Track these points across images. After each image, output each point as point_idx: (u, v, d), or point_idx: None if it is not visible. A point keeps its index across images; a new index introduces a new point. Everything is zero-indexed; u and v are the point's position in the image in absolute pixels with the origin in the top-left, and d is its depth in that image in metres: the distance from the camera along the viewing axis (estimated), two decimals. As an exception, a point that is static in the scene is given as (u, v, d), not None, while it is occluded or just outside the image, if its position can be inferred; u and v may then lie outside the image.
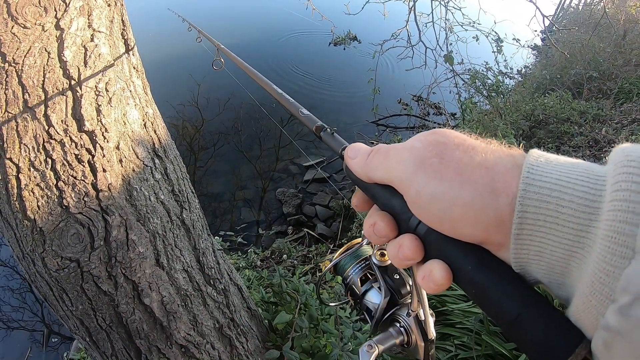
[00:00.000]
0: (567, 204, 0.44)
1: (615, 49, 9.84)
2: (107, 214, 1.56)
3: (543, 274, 0.47)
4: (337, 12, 10.24)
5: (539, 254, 0.46)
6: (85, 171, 1.50)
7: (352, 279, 0.88)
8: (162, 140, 1.84)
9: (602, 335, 0.39)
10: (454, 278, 0.53)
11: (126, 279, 1.66)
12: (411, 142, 0.58)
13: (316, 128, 0.83)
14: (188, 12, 3.02)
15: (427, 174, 0.53)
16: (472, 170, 0.50)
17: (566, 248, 0.44)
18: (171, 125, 9.60)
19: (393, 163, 0.58)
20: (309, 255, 5.91)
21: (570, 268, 0.45)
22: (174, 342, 1.86)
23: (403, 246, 0.56)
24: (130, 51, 1.73)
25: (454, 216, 0.50)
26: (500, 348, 2.85)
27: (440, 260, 0.53)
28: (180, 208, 1.88)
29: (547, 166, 0.47)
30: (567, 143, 6.82)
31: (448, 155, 0.53)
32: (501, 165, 0.50)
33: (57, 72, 1.42)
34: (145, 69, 1.85)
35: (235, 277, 2.36)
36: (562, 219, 0.44)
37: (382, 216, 0.61)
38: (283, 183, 8.71)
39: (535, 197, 0.45)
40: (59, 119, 1.44)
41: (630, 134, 6.34)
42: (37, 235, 1.49)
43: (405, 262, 0.57)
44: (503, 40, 8.68)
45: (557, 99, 8.02)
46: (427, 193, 0.52)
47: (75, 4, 1.46)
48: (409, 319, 0.76)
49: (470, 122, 8.29)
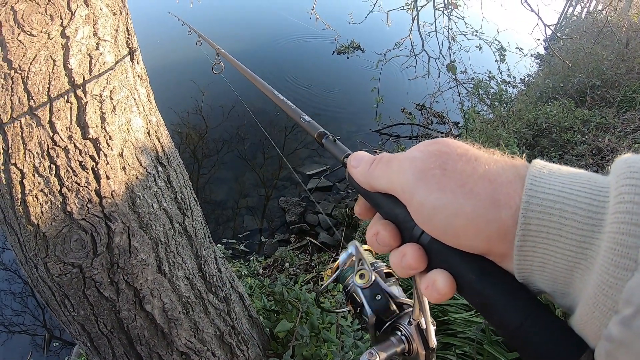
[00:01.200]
0: (571, 215, 0.44)
1: (618, 57, 9.84)
2: (110, 221, 1.57)
3: (546, 284, 0.47)
4: (340, 21, 10.26)
5: (542, 265, 0.46)
6: (89, 178, 1.51)
7: (353, 288, 0.88)
8: (165, 148, 1.85)
9: (605, 345, 0.39)
10: (458, 288, 0.53)
11: (128, 286, 1.67)
12: (413, 153, 0.57)
13: (318, 135, 0.83)
14: (188, 16, 3.01)
15: (429, 185, 0.52)
16: (474, 182, 0.50)
17: (569, 259, 0.44)
18: (175, 133, 9.64)
19: (395, 173, 0.57)
20: (311, 263, 5.91)
21: (574, 279, 0.45)
22: (174, 349, 1.87)
23: (406, 255, 0.56)
24: (135, 60, 1.74)
25: (456, 227, 0.50)
26: (502, 358, 2.85)
27: (444, 270, 0.53)
28: (183, 215, 1.89)
29: (550, 177, 0.47)
30: (570, 152, 6.81)
31: (450, 166, 0.53)
32: (504, 177, 0.50)
33: (62, 79, 1.44)
34: (148, 75, 1.87)
35: (237, 285, 2.36)
36: (565, 231, 0.44)
37: (384, 225, 0.60)
38: (286, 191, 8.71)
39: (538, 209, 0.45)
40: (64, 125, 1.45)
41: (633, 142, 6.34)
42: (40, 240, 1.50)
43: (409, 272, 0.57)
44: (506, 49, 8.70)
45: (560, 108, 8.01)
46: (430, 204, 0.52)
47: (81, 12, 1.47)
48: (410, 327, 0.76)
49: (474, 131, 8.29)
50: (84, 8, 1.49)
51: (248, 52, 13.41)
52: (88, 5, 1.50)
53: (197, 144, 9.68)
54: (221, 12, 16.74)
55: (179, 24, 2.90)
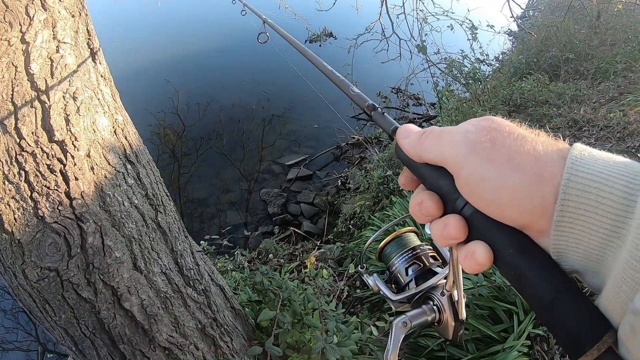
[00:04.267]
0: (607, 195, 0.46)
1: (590, 29, 9.94)
2: (82, 222, 1.57)
3: (579, 261, 0.50)
4: (310, 9, 10.24)
5: (577, 241, 0.48)
6: (58, 180, 1.51)
7: (398, 268, 0.90)
8: (134, 145, 1.85)
9: (630, 319, 0.42)
10: (495, 260, 0.55)
11: (105, 285, 1.68)
12: (465, 126, 0.59)
13: (367, 107, 0.83)
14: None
15: (480, 157, 0.54)
16: (521, 158, 0.52)
17: (603, 237, 0.47)
18: (152, 134, 9.58)
19: (447, 144, 0.59)
20: (295, 253, 5.93)
21: (606, 256, 0.47)
22: (157, 344, 1.88)
23: (449, 225, 0.58)
24: (97, 60, 1.74)
25: (501, 199, 0.53)
26: (488, 331, 2.89)
27: (483, 242, 0.55)
28: (155, 211, 1.90)
29: (590, 159, 0.50)
30: (547, 125, 6.88)
31: (499, 141, 0.55)
32: (548, 156, 0.52)
33: (25, 85, 1.43)
34: (121, 77, 1.86)
35: (217, 277, 2.37)
36: (601, 209, 0.46)
37: (429, 195, 0.62)
38: (267, 183, 8.73)
39: (578, 186, 0.48)
40: (30, 130, 1.45)
41: (608, 112, 6.42)
42: (15, 248, 1.51)
43: (449, 241, 0.59)
44: (477, 27, 8.72)
45: (535, 83, 8.10)
46: (478, 175, 0.54)
47: (39, 17, 1.47)
48: (442, 298, 0.79)
49: (449, 110, 8.33)
50: (42, 12, 1.48)
51: (216, 53, 13.42)
52: (46, 9, 1.49)
53: (175, 144, 9.66)
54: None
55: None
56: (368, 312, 3.90)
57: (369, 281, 0.95)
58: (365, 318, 3.04)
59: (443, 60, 9.21)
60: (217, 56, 13.46)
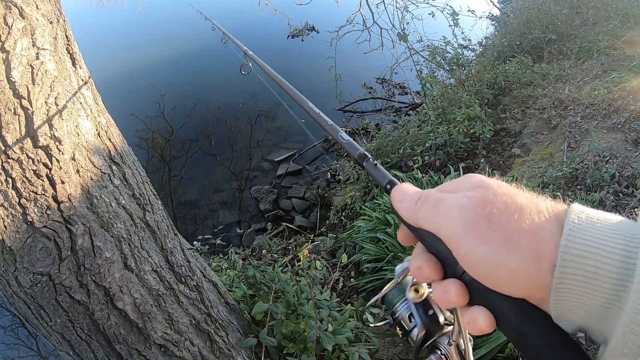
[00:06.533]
0: (606, 259, 0.47)
1: (572, 10, 9.93)
2: (70, 224, 1.59)
3: (581, 322, 0.51)
4: (290, 4, 10.23)
5: (578, 304, 0.49)
6: (45, 185, 1.53)
7: (401, 315, 0.89)
8: (118, 147, 1.87)
9: None
10: (497, 324, 0.56)
11: (97, 286, 1.69)
12: (460, 199, 0.59)
13: (359, 156, 0.82)
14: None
15: (476, 237, 0.55)
16: (519, 236, 0.53)
17: (605, 301, 0.47)
18: (140, 139, 9.58)
19: (443, 219, 0.59)
20: (288, 247, 5.95)
21: (609, 317, 0.48)
22: (152, 342, 1.89)
23: (449, 292, 0.58)
24: (77, 64, 1.76)
25: (499, 278, 0.54)
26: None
27: (485, 308, 0.57)
28: (143, 211, 1.91)
29: (588, 224, 0.50)
30: (532, 106, 6.92)
31: (496, 218, 0.55)
32: (547, 231, 0.52)
33: (8, 93, 1.44)
34: (106, 83, 1.88)
35: (210, 274, 2.39)
36: (600, 274, 0.47)
37: (428, 261, 0.62)
38: (257, 181, 8.75)
39: (576, 252, 0.48)
40: (14, 138, 1.46)
41: (592, 90, 6.46)
42: (7, 255, 1.52)
43: (451, 306, 0.61)
44: (459, 13, 8.74)
45: (518, 65, 8.12)
46: (475, 257, 0.55)
47: (17, 25, 1.48)
48: (449, 347, 0.79)
49: (435, 97, 8.35)
50: (20, 20, 1.49)
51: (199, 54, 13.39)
52: (24, 17, 1.50)
53: (164, 147, 9.66)
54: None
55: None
56: (363, 301, 3.93)
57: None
58: (361, 307, 3.05)
59: (426, 47, 9.22)
60: (201, 57, 13.42)
